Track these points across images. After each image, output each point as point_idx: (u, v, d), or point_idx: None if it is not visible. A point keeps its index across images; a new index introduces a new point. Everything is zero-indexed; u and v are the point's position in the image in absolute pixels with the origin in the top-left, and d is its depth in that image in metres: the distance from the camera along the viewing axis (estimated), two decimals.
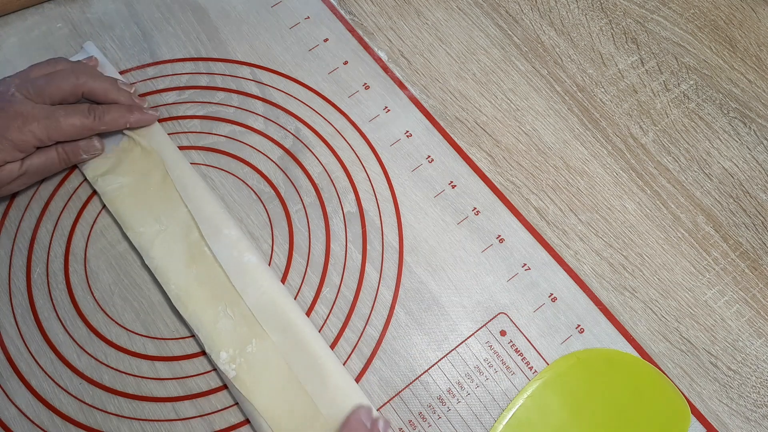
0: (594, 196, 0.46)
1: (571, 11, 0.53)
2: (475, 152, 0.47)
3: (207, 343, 0.39)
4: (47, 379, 0.39)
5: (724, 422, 0.39)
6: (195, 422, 0.38)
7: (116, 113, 0.43)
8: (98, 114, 0.42)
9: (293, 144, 0.46)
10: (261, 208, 0.44)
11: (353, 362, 0.40)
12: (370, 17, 0.51)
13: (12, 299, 0.41)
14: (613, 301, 0.42)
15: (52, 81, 0.41)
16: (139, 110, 0.44)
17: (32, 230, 0.43)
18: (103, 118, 0.42)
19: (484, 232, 0.44)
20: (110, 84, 0.43)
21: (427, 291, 0.42)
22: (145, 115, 0.44)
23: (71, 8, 0.50)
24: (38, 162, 0.41)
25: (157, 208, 0.43)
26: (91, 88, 0.42)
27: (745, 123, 0.49)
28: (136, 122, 0.44)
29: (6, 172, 0.40)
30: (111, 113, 0.42)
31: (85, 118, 0.41)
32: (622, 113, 0.49)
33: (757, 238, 0.45)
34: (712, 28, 0.52)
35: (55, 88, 0.41)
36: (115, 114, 0.43)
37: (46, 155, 0.41)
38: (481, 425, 0.39)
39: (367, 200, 0.45)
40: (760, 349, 0.41)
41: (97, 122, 0.42)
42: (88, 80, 0.42)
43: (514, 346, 0.41)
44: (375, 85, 0.49)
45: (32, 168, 0.41)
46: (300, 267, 0.42)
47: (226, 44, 0.50)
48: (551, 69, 0.50)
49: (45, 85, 0.40)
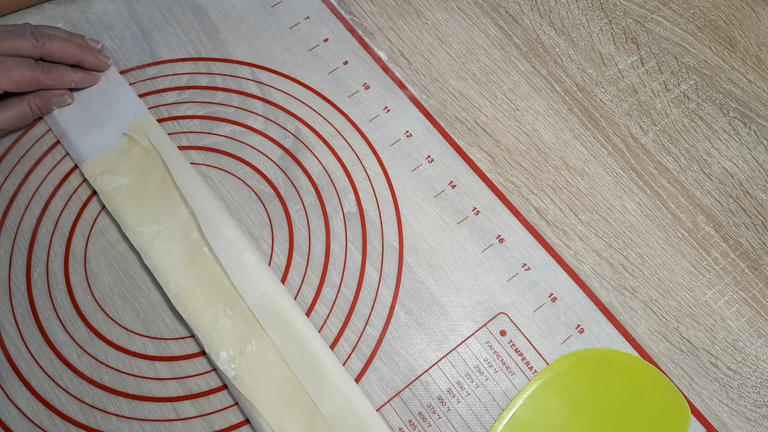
0: (594, 196, 0.46)
1: (571, 11, 0.53)
2: (475, 152, 0.47)
3: (207, 343, 0.39)
4: (47, 379, 0.39)
5: (724, 422, 0.39)
6: (195, 422, 0.38)
7: (63, 70, 0.44)
8: (46, 68, 0.43)
9: (293, 144, 0.46)
10: (261, 208, 0.44)
11: (353, 362, 0.40)
12: (370, 17, 0.51)
13: (12, 299, 0.41)
14: (613, 301, 0.42)
15: (10, 36, 0.41)
16: (85, 71, 0.45)
17: (32, 230, 0.43)
18: (50, 73, 0.43)
19: (484, 232, 0.44)
20: (72, 44, 0.44)
21: (427, 291, 0.42)
22: (89, 75, 0.45)
23: (71, 8, 0.50)
24: (11, 115, 0.43)
25: (156, 208, 0.43)
26: (50, 48, 0.43)
27: (745, 123, 0.49)
28: (80, 81, 0.45)
29: None
30: (58, 69, 0.44)
31: (33, 70, 0.42)
32: (622, 113, 0.49)
33: (757, 238, 0.45)
34: (712, 28, 0.52)
35: (13, 43, 0.41)
36: (61, 71, 0.44)
37: (18, 108, 0.43)
38: (481, 425, 0.39)
39: (367, 200, 0.45)
40: (760, 349, 0.41)
41: (45, 76, 0.43)
42: (46, 41, 0.42)
43: (514, 346, 0.41)
44: (375, 85, 0.49)
45: (6, 122, 0.43)
46: (300, 267, 0.42)
47: (226, 44, 0.50)
48: (551, 69, 0.50)
49: (2, 40, 0.41)
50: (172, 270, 0.41)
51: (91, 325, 0.41)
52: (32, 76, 0.42)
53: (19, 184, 0.45)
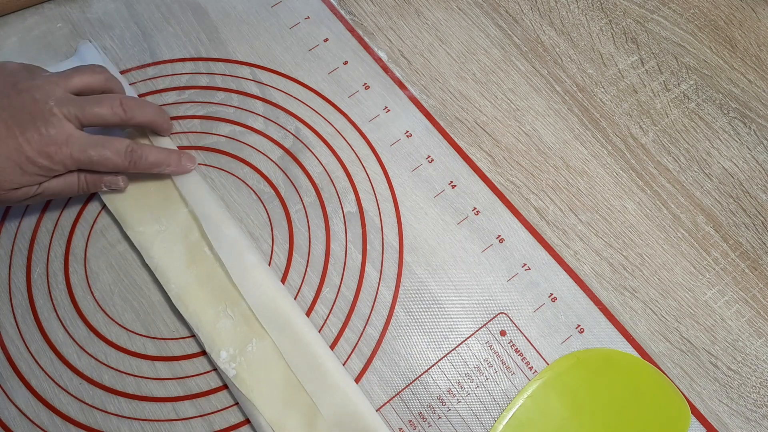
0: (594, 196, 0.46)
1: (571, 11, 0.53)
2: (475, 152, 0.47)
3: (207, 342, 0.39)
4: (47, 379, 0.39)
5: (724, 422, 0.39)
6: (195, 422, 0.38)
7: (155, 158, 0.41)
8: (135, 159, 0.39)
9: (293, 144, 0.46)
10: (261, 208, 0.44)
11: (353, 362, 0.40)
12: (370, 17, 0.51)
13: (12, 299, 0.41)
14: (613, 301, 0.42)
15: (97, 106, 0.38)
16: (177, 157, 0.42)
17: (32, 230, 0.43)
18: (139, 163, 0.40)
19: (484, 232, 0.44)
20: (157, 120, 0.42)
21: (427, 291, 0.42)
22: (182, 166, 0.42)
23: (71, 8, 0.50)
24: (56, 186, 0.39)
25: (157, 208, 0.43)
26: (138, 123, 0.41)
27: (745, 123, 0.49)
28: (172, 172, 0.42)
29: (21, 192, 0.37)
30: (150, 158, 0.40)
31: (120, 159, 0.39)
32: (622, 113, 0.49)
33: (757, 238, 0.45)
34: (712, 28, 0.52)
35: (97, 117, 0.38)
36: (152, 160, 0.41)
37: (66, 180, 0.39)
38: (481, 425, 0.39)
39: (367, 200, 0.45)
40: (760, 349, 0.41)
41: (131, 166, 0.40)
42: (135, 115, 0.40)
43: (514, 346, 0.41)
44: (375, 85, 0.49)
45: (48, 191, 0.38)
46: (300, 267, 0.42)
47: (226, 44, 0.50)
48: (551, 69, 0.50)
49: (87, 107, 0.38)
50: (173, 270, 0.41)
51: (91, 325, 0.41)
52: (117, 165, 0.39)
53: None
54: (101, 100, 0.39)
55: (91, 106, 0.38)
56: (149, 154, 0.40)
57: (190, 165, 0.43)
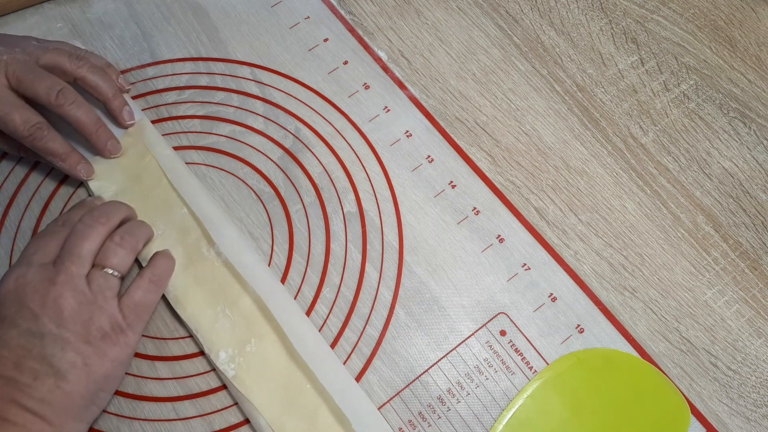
0: (594, 196, 0.46)
1: (571, 11, 0.53)
2: (475, 152, 0.47)
3: (206, 343, 0.39)
4: None
5: (724, 422, 0.39)
6: (195, 422, 0.38)
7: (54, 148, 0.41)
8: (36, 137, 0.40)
9: (293, 144, 0.46)
10: (261, 208, 0.44)
11: (353, 362, 0.40)
12: (370, 17, 0.51)
13: None
14: (613, 301, 0.42)
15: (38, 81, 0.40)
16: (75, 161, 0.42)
17: (32, 230, 0.43)
18: (37, 144, 0.40)
19: (484, 232, 0.44)
20: (106, 85, 0.43)
21: (427, 291, 0.42)
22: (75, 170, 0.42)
23: (71, 8, 0.50)
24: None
25: (153, 213, 0.42)
26: (64, 117, 0.41)
27: (745, 123, 0.49)
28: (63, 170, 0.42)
29: None
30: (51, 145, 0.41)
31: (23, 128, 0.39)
32: (622, 113, 0.49)
33: (757, 238, 0.45)
34: (712, 28, 0.52)
35: (29, 90, 0.40)
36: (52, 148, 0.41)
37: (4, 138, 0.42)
38: (481, 425, 0.39)
39: (367, 200, 0.45)
40: (760, 349, 0.41)
41: (28, 141, 0.40)
42: (65, 110, 0.40)
43: (514, 346, 0.41)
44: (375, 85, 0.49)
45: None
46: (300, 267, 0.42)
47: (226, 44, 0.50)
48: (551, 69, 0.50)
49: (30, 77, 0.39)
50: None
51: None
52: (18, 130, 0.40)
53: (19, 184, 0.45)
54: (45, 79, 0.40)
55: (33, 78, 0.40)
56: (53, 142, 0.41)
57: (83, 174, 0.42)
